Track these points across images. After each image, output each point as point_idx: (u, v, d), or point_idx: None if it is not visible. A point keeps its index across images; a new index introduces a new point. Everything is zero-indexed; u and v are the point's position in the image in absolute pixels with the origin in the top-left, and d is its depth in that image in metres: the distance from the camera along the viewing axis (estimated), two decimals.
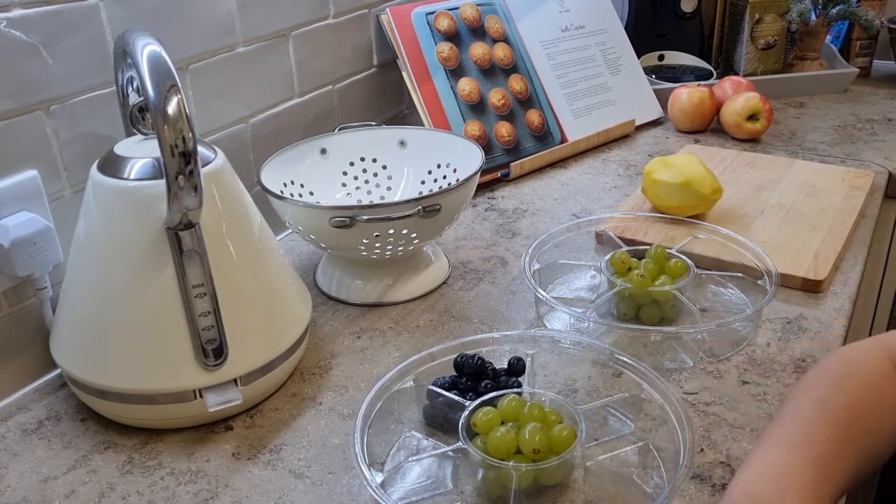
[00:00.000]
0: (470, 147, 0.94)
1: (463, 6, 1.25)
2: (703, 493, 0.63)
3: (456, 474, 0.64)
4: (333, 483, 0.66)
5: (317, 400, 0.76)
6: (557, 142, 1.29)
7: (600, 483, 0.63)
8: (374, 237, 0.83)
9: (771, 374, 0.76)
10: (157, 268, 0.67)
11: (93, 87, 0.79)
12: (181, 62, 0.89)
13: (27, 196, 0.74)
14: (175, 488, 0.66)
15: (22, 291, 0.77)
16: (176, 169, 0.60)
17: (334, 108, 1.15)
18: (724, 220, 1.01)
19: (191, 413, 0.70)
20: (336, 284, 0.93)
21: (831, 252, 0.93)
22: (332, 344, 0.84)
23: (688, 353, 0.79)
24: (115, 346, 0.69)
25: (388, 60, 1.23)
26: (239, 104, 0.98)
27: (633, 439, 0.67)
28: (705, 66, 1.59)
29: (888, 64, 1.67)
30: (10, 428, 0.74)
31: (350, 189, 1.01)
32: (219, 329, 0.68)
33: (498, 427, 0.61)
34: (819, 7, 1.51)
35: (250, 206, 0.75)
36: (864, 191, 1.08)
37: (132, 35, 0.64)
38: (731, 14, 1.58)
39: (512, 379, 0.71)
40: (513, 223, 1.09)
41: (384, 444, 0.69)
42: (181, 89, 0.60)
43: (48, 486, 0.66)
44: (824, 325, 0.83)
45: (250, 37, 0.97)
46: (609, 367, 0.76)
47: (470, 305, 0.90)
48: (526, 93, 1.27)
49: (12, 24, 0.71)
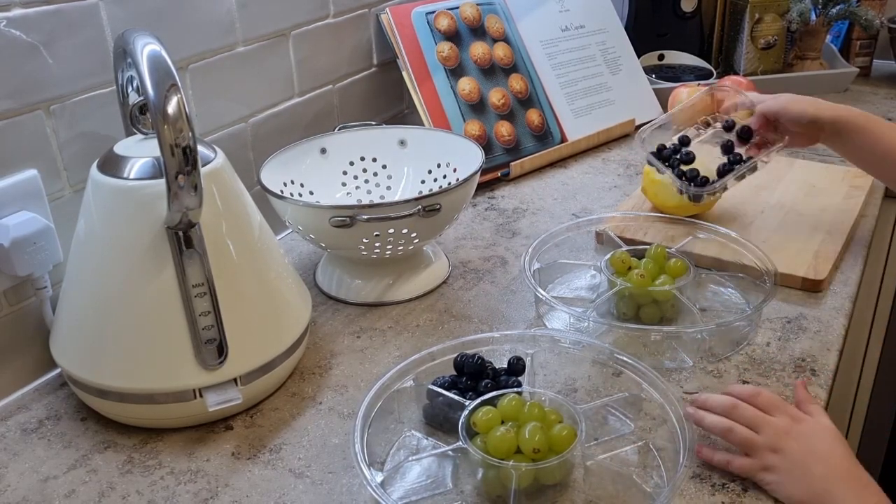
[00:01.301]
0: (470, 147, 0.94)
1: (463, 6, 1.25)
2: (703, 493, 0.63)
3: (456, 474, 0.64)
4: (333, 483, 0.66)
5: (317, 399, 0.76)
6: (557, 141, 1.29)
7: (600, 483, 0.63)
8: (374, 237, 0.83)
9: (771, 374, 0.76)
10: (157, 267, 0.67)
11: (93, 86, 0.79)
12: (181, 62, 0.89)
13: (27, 195, 0.74)
14: (175, 488, 0.66)
15: (22, 291, 0.77)
16: (176, 168, 0.60)
17: (334, 107, 1.15)
18: (724, 220, 1.01)
19: (191, 413, 0.70)
20: (336, 284, 0.93)
21: (831, 252, 0.93)
22: (332, 343, 0.84)
23: (688, 352, 0.79)
24: (115, 345, 0.69)
25: (388, 60, 1.23)
26: (239, 104, 0.98)
27: (633, 439, 0.67)
28: (705, 65, 1.59)
29: (888, 64, 1.67)
30: (10, 427, 0.74)
31: (350, 189, 1.01)
32: (219, 328, 0.68)
33: (498, 427, 0.61)
34: (819, 7, 1.51)
35: (250, 205, 0.75)
36: (863, 191, 1.08)
37: (132, 34, 0.64)
38: (731, 14, 1.58)
39: (512, 378, 0.71)
40: (513, 223, 1.09)
41: (384, 443, 0.69)
42: (181, 89, 0.60)
43: (48, 486, 0.66)
44: (824, 325, 0.83)
45: (250, 36, 0.97)
46: (609, 367, 0.76)
47: (470, 305, 0.90)
48: (526, 92, 1.27)
49: (12, 23, 0.71)
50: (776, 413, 0.65)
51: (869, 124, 0.90)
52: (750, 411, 0.65)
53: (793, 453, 0.61)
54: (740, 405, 0.66)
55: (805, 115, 0.92)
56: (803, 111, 0.92)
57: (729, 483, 0.63)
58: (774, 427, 0.63)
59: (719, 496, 0.62)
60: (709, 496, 0.62)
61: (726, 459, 0.64)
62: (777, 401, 0.66)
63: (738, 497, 0.62)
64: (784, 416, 0.65)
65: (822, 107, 0.92)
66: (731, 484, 0.63)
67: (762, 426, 0.64)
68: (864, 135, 0.90)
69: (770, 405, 0.66)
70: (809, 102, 0.93)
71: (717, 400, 0.67)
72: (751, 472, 0.63)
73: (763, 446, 0.63)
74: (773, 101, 0.95)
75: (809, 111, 0.91)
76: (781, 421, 0.64)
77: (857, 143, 0.91)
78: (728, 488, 0.63)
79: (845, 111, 0.91)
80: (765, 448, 0.62)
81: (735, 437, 0.64)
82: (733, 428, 0.64)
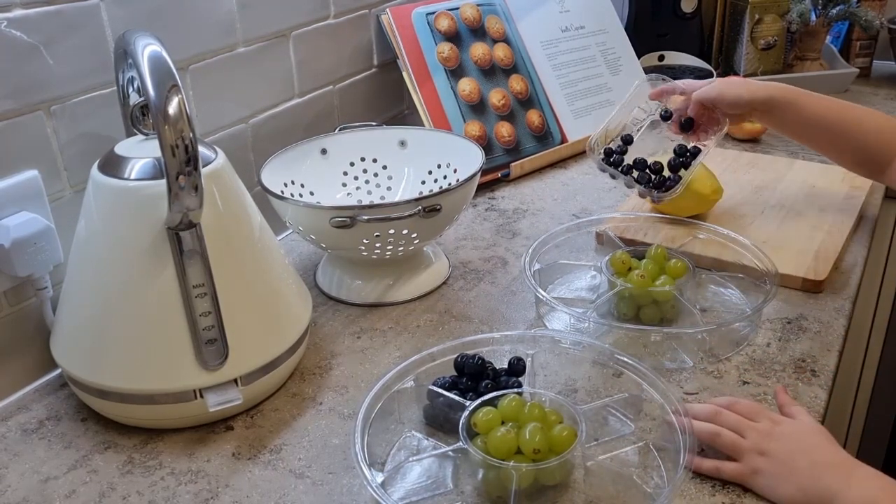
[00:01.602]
0: (470, 147, 0.94)
1: (463, 6, 1.25)
2: (703, 494, 0.63)
3: (456, 474, 0.64)
4: (334, 483, 0.66)
5: (317, 400, 0.76)
6: (557, 142, 1.29)
7: (600, 483, 0.63)
8: (374, 237, 0.83)
9: (771, 374, 0.76)
10: (158, 268, 0.67)
11: (93, 87, 0.79)
12: (181, 62, 0.89)
13: (28, 196, 0.74)
14: (175, 488, 0.66)
15: (22, 291, 0.77)
16: (176, 169, 0.60)
17: (334, 108, 1.15)
18: (724, 220, 1.01)
19: (191, 413, 0.70)
20: (336, 284, 0.93)
21: (831, 252, 0.93)
22: (333, 344, 0.84)
23: (688, 353, 0.79)
24: (115, 346, 0.69)
25: (388, 60, 1.23)
26: (239, 104, 0.98)
27: (633, 439, 0.67)
28: (705, 66, 1.59)
29: (888, 64, 1.67)
30: (10, 428, 0.74)
31: (350, 189, 1.01)
32: (219, 329, 0.68)
33: (498, 427, 0.61)
34: (819, 7, 1.51)
35: (250, 206, 0.75)
36: (864, 191, 1.08)
37: (133, 35, 0.64)
38: (731, 14, 1.58)
39: (512, 379, 0.71)
40: (513, 223, 1.09)
41: (384, 444, 0.69)
42: (181, 89, 0.60)
43: (48, 486, 0.67)
44: (824, 325, 0.83)
45: (250, 37, 0.97)
46: (609, 367, 0.76)
47: (470, 305, 0.90)
48: (526, 93, 1.27)
49: (12, 24, 0.71)
50: (757, 418, 0.66)
51: (797, 97, 0.95)
52: (733, 417, 0.66)
53: (777, 453, 0.62)
54: (723, 412, 0.66)
55: (741, 99, 0.96)
56: (739, 96, 0.96)
57: (729, 483, 0.63)
58: (758, 430, 0.64)
59: (719, 496, 0.62)
60: (709, 496, 0.62)
61: (715, 466, 0.64)
62: (756, 407, 0.67)
63: (738, 497, 0.62)
64: (765, 420, 0.65)
65: (755, 88, 0.96)
66: (731, 484, 0.63)
67: (746, 430, 0.64)
68: (792, 107, 0.95)
69: (750, 411, 0.66)
70: (742, 85, 0.97)
71: (700, 407, 0.68)
72: (742, 478, 0.63)
73: (750, 449, 0.63)
74: (708, 89, 0.98)
75: (745, 96, 0.95)
76: (763, 425, 0.65)
77: (786, 117, 0.96)
78: (728, 488, 0.63)
79: (776, 89, 0.95)
80: (751, 451, 0.63)
81: (722, 441, 0.64)
82: (720, 433, 0.65)
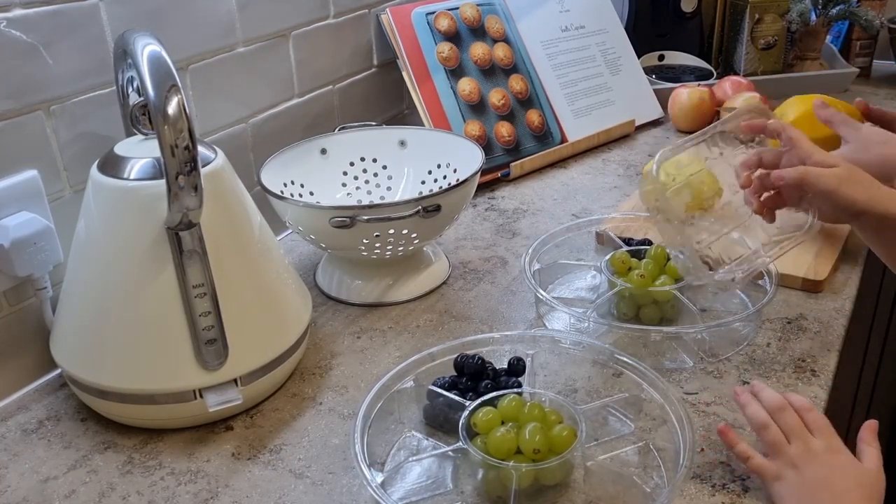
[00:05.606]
0: (470, 147, 0.94)
1: (463, 6, 1.25)
2: (703, 493, 0.63)
3: (456, 474, 0.64)
4: (333, 483, 0.66)
5: (317, 400, 0.76)
6: (557, 142, 1.29)
7: (600, 483, 0.63)
8: (374, 237, 0.83)
9: (771, 374, 0.76)
10: (158, 268, 0.67)
11: (93, 87, 0.79)
12: (181, 62, 0.89)
13: (27, 196, 0.74)
14: (175, 488, 0.66)
15: (22, 291, 0.77)
16: (176, 169, 0.60)
17: (334, 108, 1.15)
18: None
19: (191, 413, 0.70)
20: (336, 284, 0.93)
21: (831, 252, 0.93)
22: (333, 344, 0.84)
23: (688, 353, 0.79)
24: (115, 346, 0.69)
25: (388, 60, 1.23)
26: (239, 104, 0.98)
27: (633, 439, 0.67)
28: (705, 66, 1.59)
29: (888, 64, 1.67)
30: (10, 428, 0.74)
31: (350, 189, 1.01)
32: (219, 329, 0.68)
33: (498, 427, 0.61)
34: (819, 7, 1.51)
35: (250, 206, 0.75)
36: None
37: (132, 35, 0.64)
38: (731, 14, 1.58)
39: (512, 379, 0.71)
40: (513, 223, 1.09)
41: (384, 444, 0.69)
42: (181, 89, 0.60)
43: (48, 486, 0.66)
44: (824, 325, 0.83)
45: (250, 37, 0.97)
46: (609, 367, 0.76)
47: (470, 305, 0.90)
48: (526, 93, 1.27)
49: (12, 24, 0.71)
50: (818, 436, 0.62)
51: None
52: (795, 420, 0.63)
53: (810, 476, 0.59)
54: (788, 411, 0.64)
55: (855, 206, 0.72)
56: (853, 202, 0.71)
57: (729, 483, 0.63)
58: (806, 446, 0.61)
59: (719, 496, 0.62)
60: (709, 496, 0.62)
61: (747, 453, 0.62)
62: (823, 424, 0.63)
63: (738, 497, 0.62)
64: (822, 442, 0.62)
65: (877, 197, 0.72)
66: (730, 484, 0.63)
67: (798, 439, 0.62)
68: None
69: (816, 426, 0.63)
70: (865, 188, 0.72)
71: (770, 395, 0.65)
72: (763, 474, 0.61)
73: (788, 457, 0.61)
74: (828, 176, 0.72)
75: (861, 202, 0.71)
76: (817, 444, 0.61)
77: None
78: (728, 489, 0.63)
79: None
80: (788, 459, 0.61)
81: (766, 436, 0.62)
82: (769, 426, 0.63)
